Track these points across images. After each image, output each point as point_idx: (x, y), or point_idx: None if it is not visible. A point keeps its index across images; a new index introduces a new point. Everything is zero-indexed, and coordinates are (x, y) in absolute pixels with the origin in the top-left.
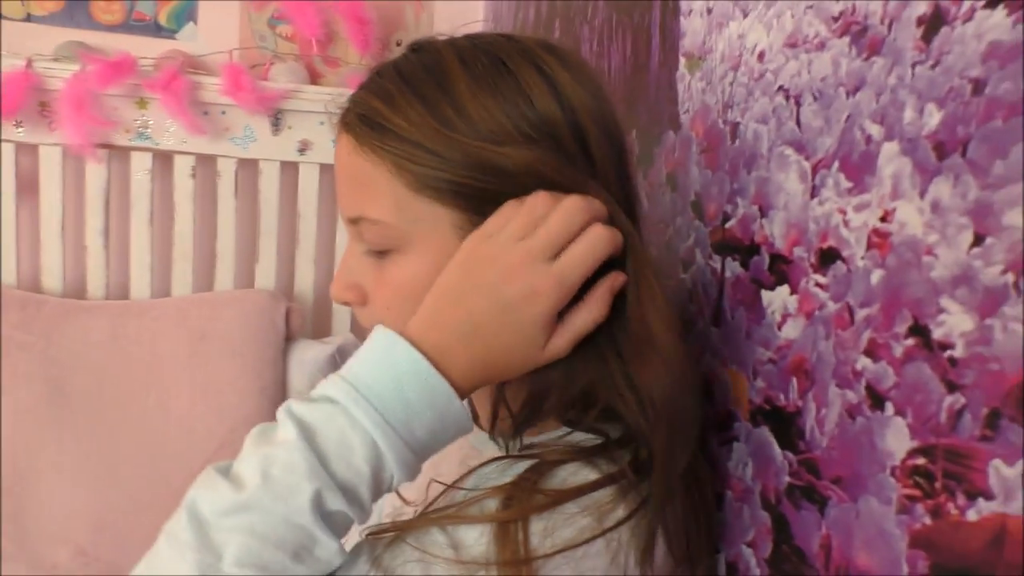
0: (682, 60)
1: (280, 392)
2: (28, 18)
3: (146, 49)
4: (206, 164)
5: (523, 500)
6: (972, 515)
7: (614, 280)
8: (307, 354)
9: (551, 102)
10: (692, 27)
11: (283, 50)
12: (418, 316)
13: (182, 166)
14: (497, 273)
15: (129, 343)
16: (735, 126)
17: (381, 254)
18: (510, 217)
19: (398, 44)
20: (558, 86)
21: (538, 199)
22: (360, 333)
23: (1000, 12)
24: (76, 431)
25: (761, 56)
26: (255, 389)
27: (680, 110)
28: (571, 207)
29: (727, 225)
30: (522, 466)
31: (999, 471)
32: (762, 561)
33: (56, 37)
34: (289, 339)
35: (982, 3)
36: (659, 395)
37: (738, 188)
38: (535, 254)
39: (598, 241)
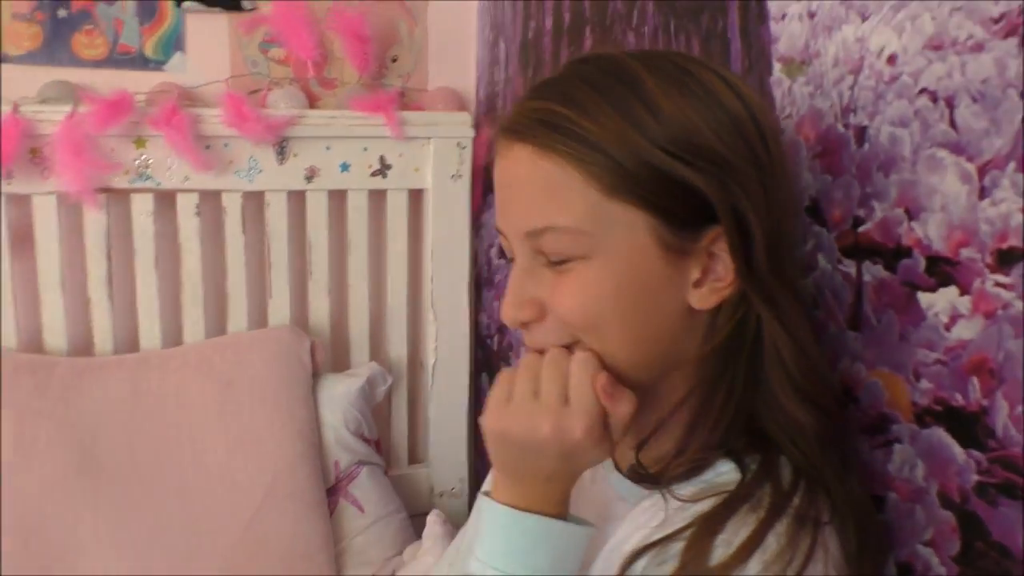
0: (777, 65)
1: (315, 432)
2: (2, 58)
3: (135, 84)
4: (210, 201)
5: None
6: None
7: (600, 381)
8: (337, 389)
9: (735, 102)
10: (788, 31)
11: (277, 75)
12: (497, 491)
13: (186, 205)
14: (527, 430)
15: (152, 398)
16: (861, 130)
17: (560, 265)
18: (511, 381)
19: (394, 61)
20: (736, 88)
21: (528, 359)
22: (384, 360)
23: None
24: (112, 498)
25: (892, 59)
26: (292, 432)
27: (780, 115)
28: (554, 358)
29: (860, 229)
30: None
31: None
32: (947, 560)
33: (36, 77)
34: (315, 375)
35: None
36: (804, 423)
37: (872, 192)
38: (548, 403)
39: (585, 365)
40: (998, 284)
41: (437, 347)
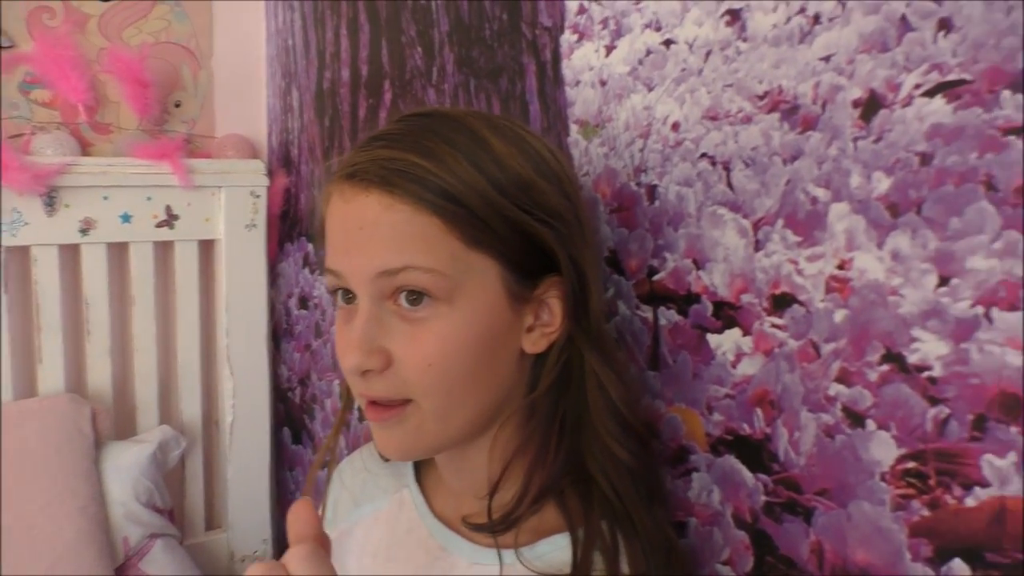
0: (574, 127)
1: (101, 508)
2: None
3: None
4: None
5: None
6: (971, 501)
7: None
8: (123, 458)
9: (556, 164)
10: (583, 96)
11: (41, 118)
12: None
13: None
14: None
15: None
16: (652, 188)
17: (414, 312)
18: None
19: (177, 106)
20: (553, 152)
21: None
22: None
23: (939, 100)
24: None
25: (676, 126)
26: (72, 511)
27: (579, 173)
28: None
29: (655, 278)
30: None
31: (992, 463)
32: (742, 574)
33: None
34: (98, 445)
35: (920, 92)
36: (621, 457)
37: (664, 244)
38: None
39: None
40: (774, 325)
41: (235, 404)
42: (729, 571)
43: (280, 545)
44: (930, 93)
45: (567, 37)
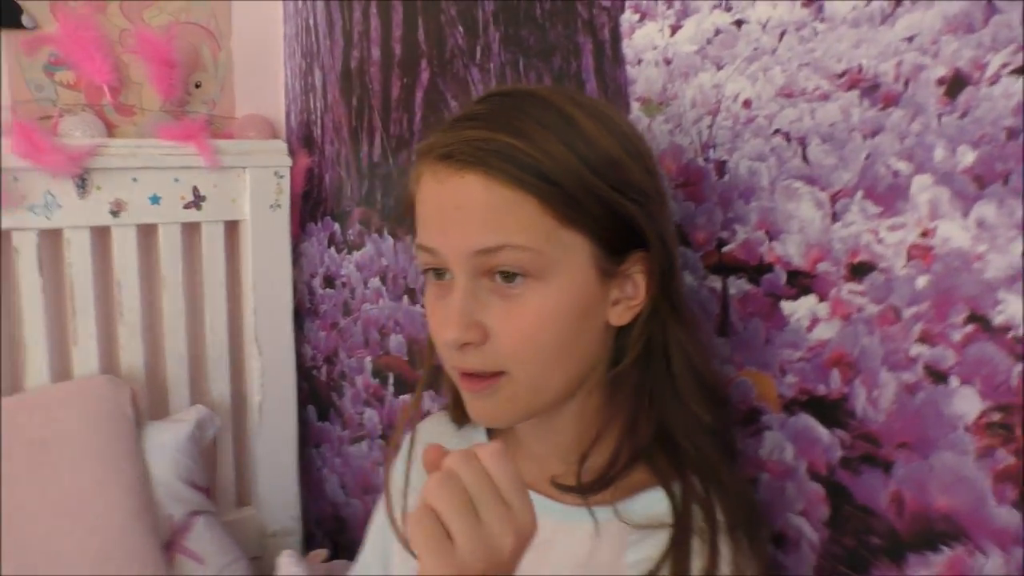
0: (635, 104)
1: (147, 487)
2: None
3: None
4: None
5: None
6: None
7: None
8: (163, 438)
9: (639, 141)
10: (645, 75)
11: (67, 100)
12: None
13: None
14: (491, 557)
15: None
16: (721, 164)
17: (509, 287)
18: (435, 518)
19: (197, 86)
20: (634, 129)
21: (434, 487)
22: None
23: None
24: None
25: (747, 104)
26: (121, 490)
27: None
28: (468, 468)
29: (724, 249)
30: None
31: None
32: (819, 525)
33: None
34: (138, 425)
35: (1007, 71)
36: (704, 419)
37: (734, 217)
38: (495, 518)
39: (500, 457)
40: (852, 291)
41: (264, 383)
42: (803, 521)
43: (307, 521)
44: (1018, 72)
45: (628, 16)
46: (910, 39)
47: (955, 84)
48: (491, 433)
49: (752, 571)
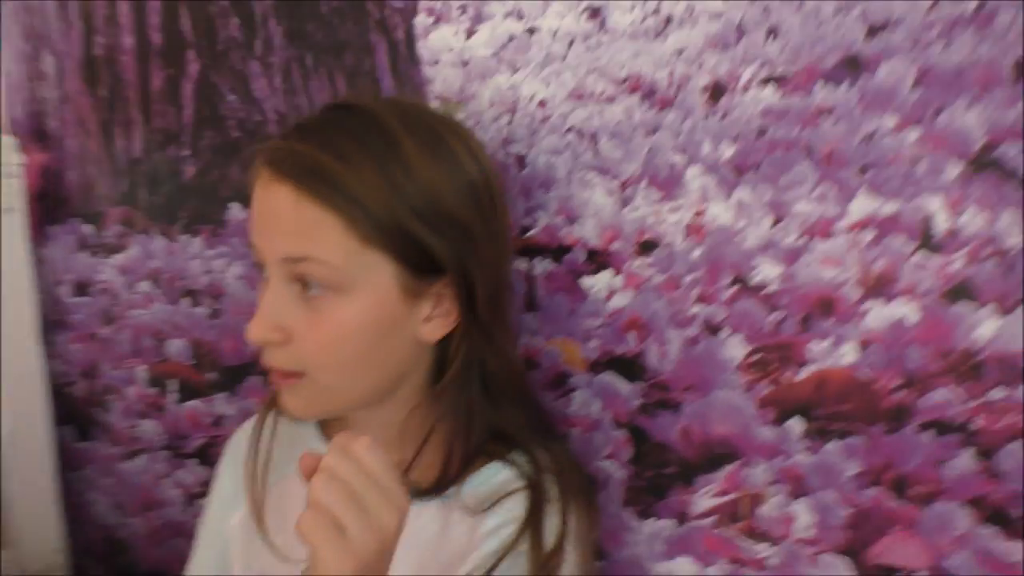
0: (435, 103)
1: None
2: None
3: None
4: None
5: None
6: (802, 375)
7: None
8: None
9: (475, 168)
10: (443, 75)
11: None
12: None
13: None
14: (382, 542)
15: None
16: (521, 158)
17: (313, 295)
18: (324, 513)
19: None
20: (476, 155)
21: (318, 485)
22: None
23: (770, 88)
24: None
25: (542, 104)
26: None
27: None
28: (348, 465)
29: (528, 235)
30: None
31: (814, 348)
32: (625, 464)
33: None
34: None
35: (755, 82)
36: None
37: (535, 205)
38: (379, 504)
39: (373, 450)
40: (642, 265)
41: (8, 407)
42: (610, 463)
43: (75, 553)
44: (763, 83)
45: (422, 19)
46: (680, 52)
47: (716, 91)
48: (323, 425)
49: (594, 532)
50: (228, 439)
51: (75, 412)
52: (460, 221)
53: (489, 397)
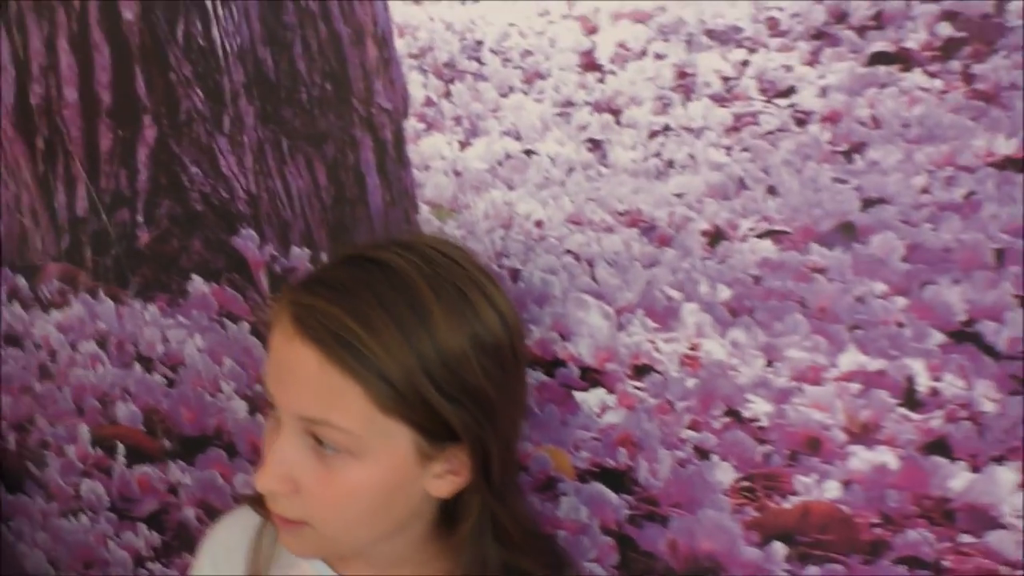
0: (424, 207)
1: None
2: None
3: None
4: None
5: None
6: (787, 505)
7: None
8: None
9: (499, 328)
10: (435, 181)
11: None
12: None
13: None
14: None
15: None
16: (515, 271)
17: (327, 455)
18: None
19: None
20: (502, 314)
21: None
22: None
23: (767, 241)
24: None
25: (539, 223)
26: None
27: None
28: None
29: None
30: None
31: (800, 480)
32: (610, 568)
33: None
34: None
35: (753, 233)
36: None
37: (529, 318)
38: None
39: None
40: (635, 387)
41: None
42: (596, 566)
43: None
44: (761, 236)
45: (413, 124)
46: (680, 195)
47: (715, 236)
48: None
49: None
50: (206, 527)
51: (5, 465)
52: (481, 392)
53: (501, 542)
